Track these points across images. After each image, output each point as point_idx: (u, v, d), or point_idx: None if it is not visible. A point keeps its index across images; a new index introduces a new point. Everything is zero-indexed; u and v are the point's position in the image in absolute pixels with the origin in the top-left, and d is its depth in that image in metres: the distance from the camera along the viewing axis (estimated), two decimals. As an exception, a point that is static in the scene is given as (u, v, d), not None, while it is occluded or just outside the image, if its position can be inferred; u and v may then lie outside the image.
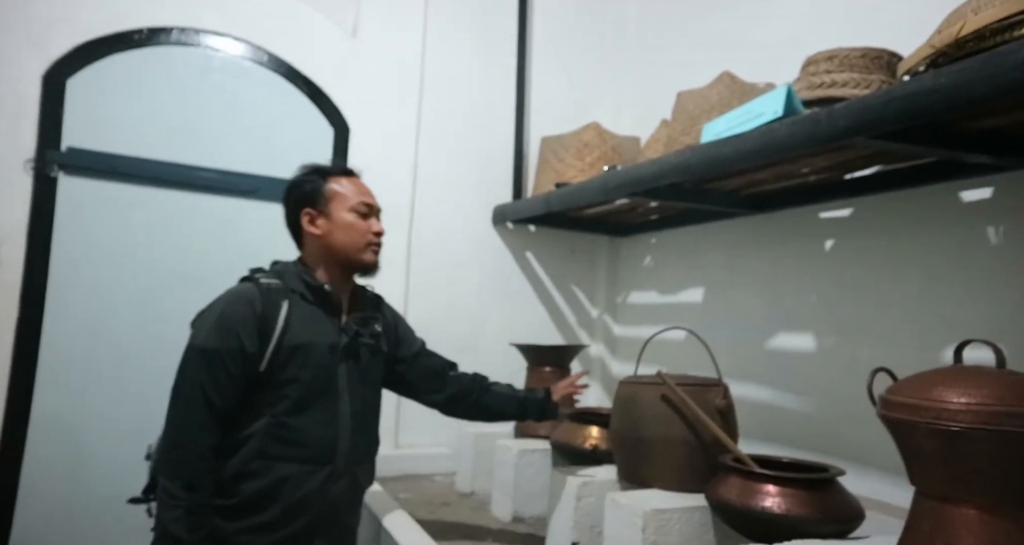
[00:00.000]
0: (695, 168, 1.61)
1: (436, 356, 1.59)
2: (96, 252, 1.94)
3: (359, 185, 1.41)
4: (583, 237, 2.71)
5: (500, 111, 2.60)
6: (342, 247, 1.35)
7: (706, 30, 2.35)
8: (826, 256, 1.78)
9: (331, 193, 1.36)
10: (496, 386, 1.59)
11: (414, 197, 2.44)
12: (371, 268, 1.40)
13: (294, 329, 1.26)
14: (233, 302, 1.25)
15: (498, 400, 1.56)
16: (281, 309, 1.26)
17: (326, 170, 1.41)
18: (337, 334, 1.33)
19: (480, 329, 2.53)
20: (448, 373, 1.56)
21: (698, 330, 1.99)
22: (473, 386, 1.55)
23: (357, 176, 1.45)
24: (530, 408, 1.59)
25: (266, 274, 1.32)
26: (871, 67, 1.32)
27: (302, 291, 1.31)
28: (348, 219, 1.35)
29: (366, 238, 1.37)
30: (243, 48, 2.18)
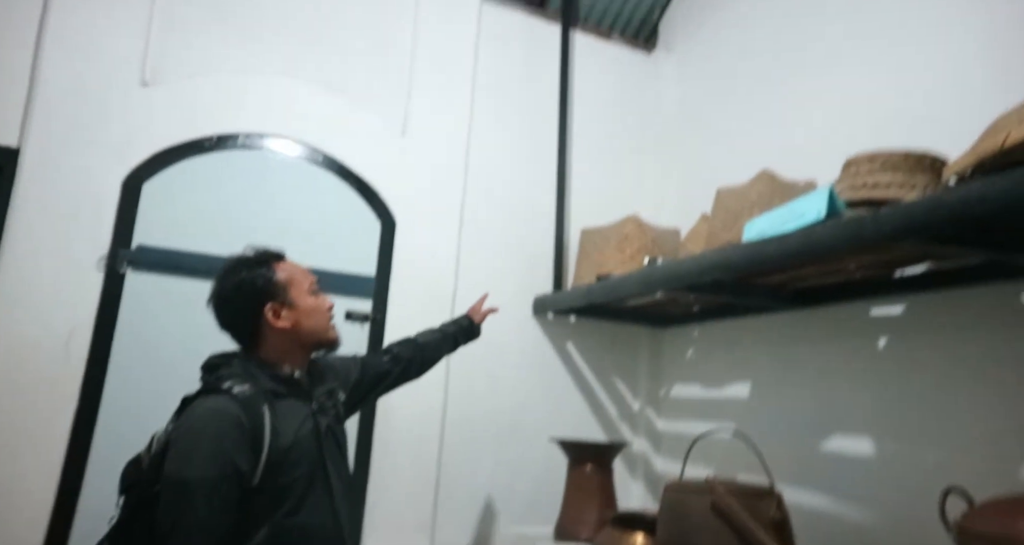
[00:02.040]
0: (737, 265, 1.60)
1: (373, 357, 1.67)
2: (155, 345, 2.01)
3: (298, 266, 1.37)
4: (624, 328, 2.69)
5: (541, 203, 2.68)
6: (312, 332, 1.31)
7: (745, 127, 2.41)
8: (880, 355, 1.71)
9: (286, 281, 1.30)
10: (426, 338, 1.79)
11: (456, 287, 2.48)
12: (336, 344, 1.38)
13: (280, 433, 1.19)
14: (221, 424, 1.14)
15: (436, 349, 1.79)
16: (264, 418, 1.17)
17: (267, 258, 1.33)
18: (314, 419, 1.28)
19: (521, 422, 2.48)
20: (386, 363, 1.65)
21: (745, 428, 1.90)
22: (413, 353, 1.71)
23: (284, 257, 1.38)
24: (460, 339, 1.90)
25: (233, 380, 1.20)
26: (915, 169, 1.32)
27: (275, 388, 1.24)
28: (310, 302, 1.32)
29: (327, 316, 1.35)
30: (300, 149, 2.33)
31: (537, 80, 2.73)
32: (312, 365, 1.39)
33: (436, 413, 2.34)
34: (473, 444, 2.40)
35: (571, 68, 2.76)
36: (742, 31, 2.51)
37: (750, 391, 2.18)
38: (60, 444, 1.84)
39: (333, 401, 1.37)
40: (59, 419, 1.85)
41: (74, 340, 1.89)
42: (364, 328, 2.36)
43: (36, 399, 1.83)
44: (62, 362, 1.87)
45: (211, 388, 1.20)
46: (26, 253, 1.88)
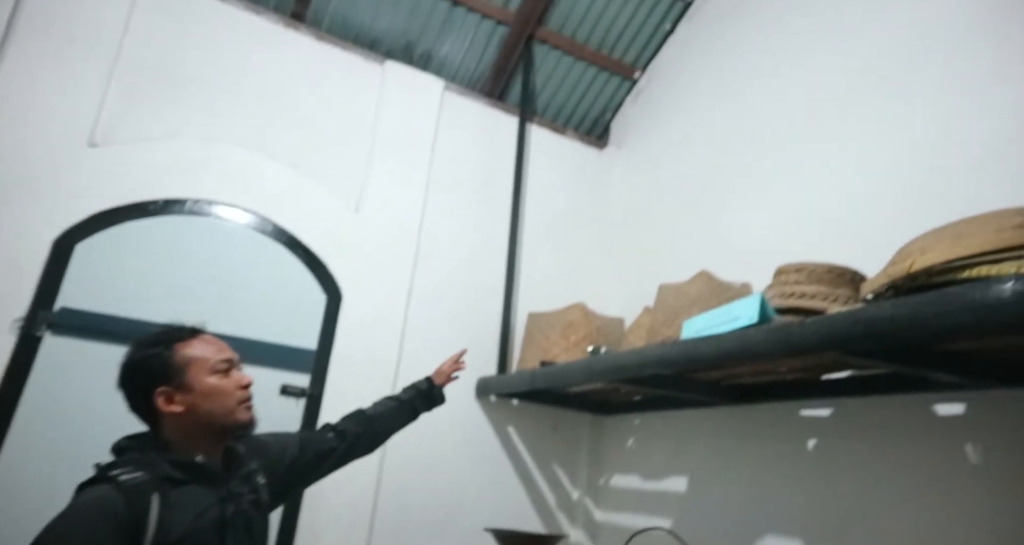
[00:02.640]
0: (675, 361, 1.65)
1: (315, 433, 1.57)
2: (68, 415, 1.89)
3: (211, 341, 1.27)
4: (566, 414, 2.68)
5: (490, 285, 2.71)
6: (211, 416, 1.20)
7: (687, 227, 2.54)
8: (810, 455, 1.75)
9: (184, 361, 1.20)
10: (377, 409, 1.66)
11: (399, 365, 2.45)
12: (248, 427, 1.26)
13: (172, 523, 1.08)
14: (91, 521, 1.03)
15: (389, 421, 1.67)
16: (151, 507, 1.07)
17: (169, 337, 1.24)
18: (220, 506, 1.17)
19: (454, 508, 2.40)
20: (331, 440, 1.54)
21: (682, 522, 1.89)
22: (361, 427, 1.60)
23: (203, 332, 1.29)
24: (420, 406, 1.74)
25: (123, 468, 1.11)
26: (837, 282, 1.42)
27: (172, 475, 1.13)
28: (211, 383, 1.20)
29: (235, 397, 1.23)
30: (250, 218, 2.32)
31: (493, 167, 2.84)
32: (232, 447, 1.30)
33: (367, 499, 2.24)
34: (405, 534, 2.29)
35: (526, 158, 2.89)
36: (688, 136, 2.70)
37: (687, 484, 2.18)
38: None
39: (251, 485, 1.27)
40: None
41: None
42: (300, 404, 2.28)
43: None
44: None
45: (98, 476, 1.12)
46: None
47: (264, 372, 2.25)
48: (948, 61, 1.68)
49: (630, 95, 3.09)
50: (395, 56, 2.78)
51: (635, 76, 3.03)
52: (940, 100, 1.68)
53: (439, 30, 2.81)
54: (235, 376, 1.25)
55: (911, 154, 1.71)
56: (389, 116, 2.64)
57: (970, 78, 1.62)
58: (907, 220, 1.31)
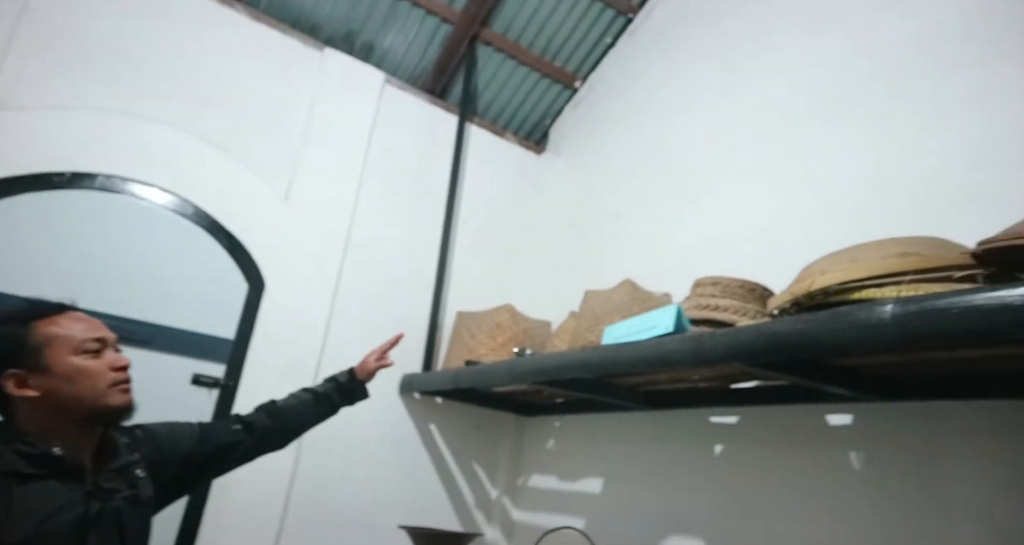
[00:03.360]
0: (595, 366, 1.70)
1: (219, 424, 1.45)
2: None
3: (80, 319, 1.16)
4: (490, 413, 2.70)
5: (420, 283, 2.70)
6: (75, 400, 1.09)
7: (615, 235, 2.62)
8: (715, 460, 1.84)
9: (43, 340, 1.09)
10: (291, 401, 1.56)
11: (321, 358, 2.40)
12: (123, 412, 1.14)
13: (15, 524, 0.98)
14: None
15: (302, 415, 1.55)
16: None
17: (27, 314, 1.13)
18: (83, 503, 1.06)
19: (372, 506, 2.37)
20: (237, 432, 1.44)
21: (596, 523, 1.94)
22: (271, 420, 1.49)
23: (73, 308, 1.19)
24: (339, 400, 1.62)
25: None
26: (748, 297, 1.50)
27: (18, 469, 1.02)
28: (75, 364, 1.09)
29: (106, 378, 1.11)
30: (169, 199, 2.21)
31: (430, 164, 2.83)
32: (111, 437, 1.19)
33: (279, 494, 2.18)
34: (318, 532, 2.25)
35: (464, 157, 2.90)
36: (623, 148, 2.78)
37: (602, 486, 2.24)
38: None
39: (128, 480, 1.16)
40: None
41: None
42: (212, 394, 2.20)
43: None
44: None
45: None
46: None
47: (176, 360, 2.16)
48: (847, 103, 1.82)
49: (570, 103, 3.15)
50: (335, 44, 2.72)
51: (576, 85, 3.09)
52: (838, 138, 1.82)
53: (383, 22, 2.77)
54: (109, 357, 1.14)
55: (818, 180, 1.84)
56: (325, 105, 2.59)
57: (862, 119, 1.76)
58: (812, 241, 1.41)
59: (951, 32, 1.62)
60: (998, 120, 1.45)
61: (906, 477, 1.37)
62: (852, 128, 1.80)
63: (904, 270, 1.00)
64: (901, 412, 1.40)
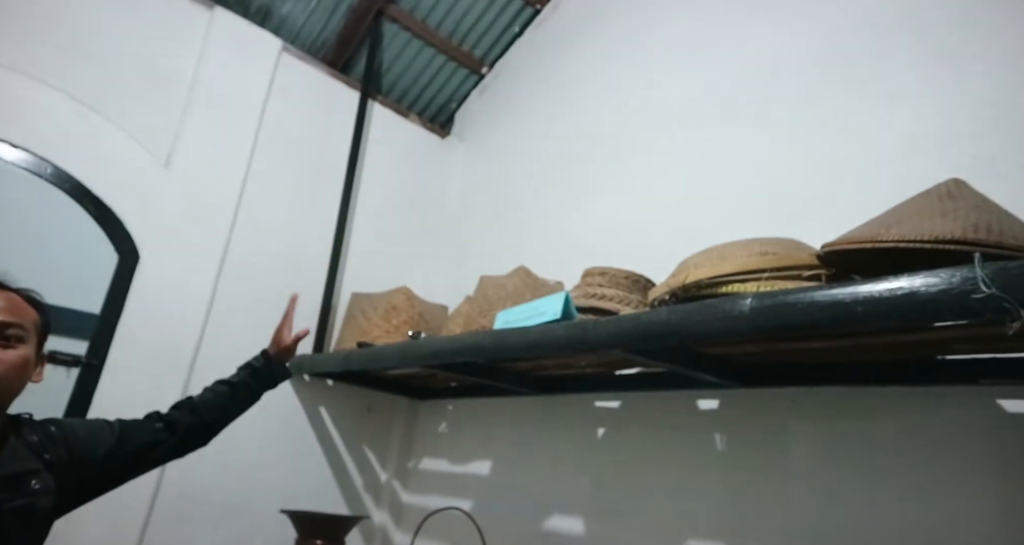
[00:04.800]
0: (486, 350, 1.72)
1: (139, 424, 1.37)
2: None
3: None
4: (382, 396, 2.67)
5: (314, 261, 2.61)
6: None
7: (513, 223, 2.66)
8: (598, 443, 1.93)
9: None
10: (207, 395, 1.49)
11: (202, 338, 2.26)
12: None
13: None
14: None
15: (222, 407, 1.48)
16: None
17: None
18: None
19: (254, 491, 2.28)
20: (159, 431, 1.37)
21: (483, 505, 1.98)
22: (191, 417, 1.42)
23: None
24: (257, 385, 1.55)
25: None
26: (632, 288, 1.58)
27: None
28: None
29: None
30: (21, 156, 1.99)
31: (328, 140, 2.73)
32: (13, 437, 1.09)
33: (147, 482, 2.04)
34: (190, 518, 2.13)
35: (365, 135, 2.82)
36: (526, 136, 2.81)
37: (491, 469, 2.29)
38: None
39: (22, 490, 1.06)
40: None
41: None
42: (71, 374, 2.02)
43: None
44: None
45: None
46: None
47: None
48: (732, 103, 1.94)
49: (476, 89, 3.14)
50: (228, 4, 2.55)
51: (482, 71, 3.09)
52: (721, 137, 1.94)
53: (283, -15, 2.63)
54: None
55: (700, 177, 1.96)
56: (214, 69, 2.42)
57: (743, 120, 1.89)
58: (693, 236, 1.50)
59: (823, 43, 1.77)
60: (840, 138, 1.61)
61: (759, 454, 1.50)
62: (733, 129, 1.93)
63: (763, 268, 1.09)
64: (759, 397, 1.53)
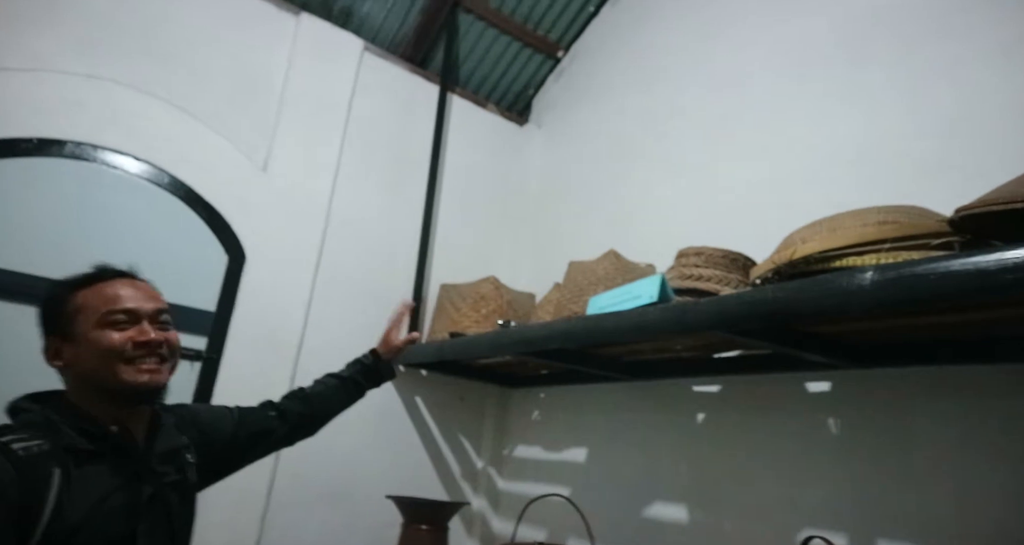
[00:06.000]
0: (579, 336, 1.71)
1: (255, 411, 1.42)
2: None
3: (123, 287, 1.08)
4: (474, 385, 2.71)
5: (403, 254, 2.68)
6: (93, 376, 1.03)
7: (598, 206, 2.61)
8: (698, 428, 1.88)
9: (74, 310, 1.04)
10: (317, 388, 1.53)
11: (304, 332, 2.38)
12: (140, 391, 1.05)
13: (73, 504, 0.93)
14: None
15: (328, 400, 1.53)
16: (51, 485, 0.91)
17: (77, 279, 1.08)
18: (137, 485, 1.03)
19: (358, 477, 2.39)
20: (272, 419, 1.41)
21: (580, 491, 1.97)
22: (302, 407, 1.47)
23: (130, 275, 1.13)
24: (364, 382, 1.59)
25: (20, 433, 0.94)
26: (730, 267, 1.51)
27: (79, 444, 0.98)
28: (94, 336, 1.02)
29: (122, 352, 1.03)
30: (143, 168, 2.15)
31: (411, 134, 2.78)
32: (159, 417, 1.15)
33: (265, 467, 2.18)
34: (305, 504, 2.26)
35: (445, 127, 2.85)
36: (606, 118, 2.75)
37: (586, 456, 2.28)
38: None
39: (178, 464, 1.13)
40: None
41: None
42: (194, 368, 2.18)
43: None
44: None
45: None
46: None
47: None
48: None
49: (552, 74, 3.11)
50: (312, 9, 2.64)
51: (558, 55, 3.04)
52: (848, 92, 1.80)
53: (361, -13, 2.70)
54: (132, 330, 1.05)
55: (800, 149, 1.84)
56: (303, 72, 2.52)
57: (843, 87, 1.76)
58: (794, 211, 1.41)
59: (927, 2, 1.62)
60: (972, 89, 1.46)
61: (880, 439, 1.41)
62: (833, 97, 1.80)
63: (883, 238, 1.01)
64: (876, 378, 1.43)
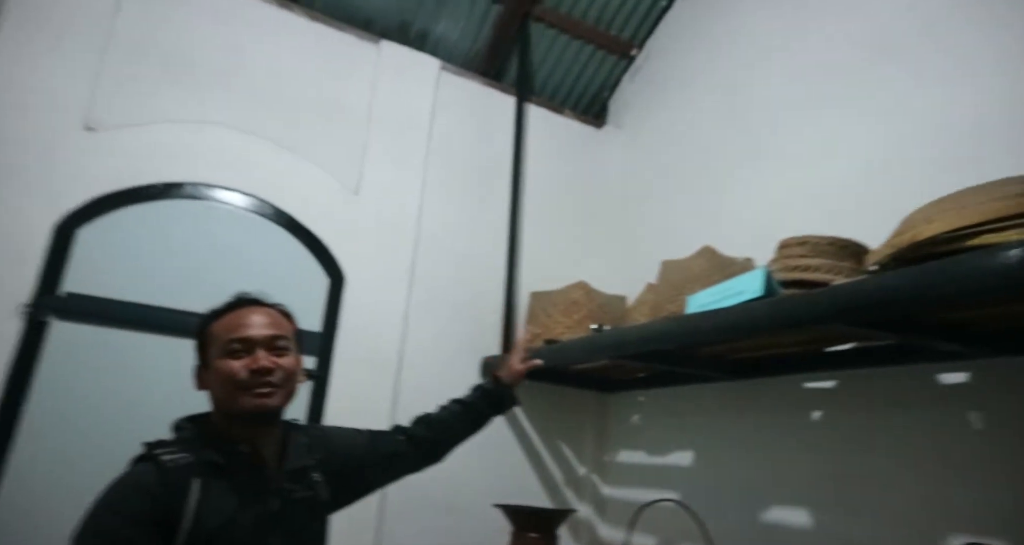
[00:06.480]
0: (679, 336, 1.67)
1: (385, 435, 1.43)
2: (82, 397, 1.89)
3: (238, 318, 1.15)
4: (570, 392, 2.70)
5: (491, 265, 2.71)
6: (222, 399, 1.12)
7: (687, 203, 2.54)
8: (814, 427, 1.78)
9: (208, 340, 1.14)
10: (442, 413, 1.52)
11: (403, 348, 2.46)
12: (255, 415, 1.11)
13: (210, 513, 1.02)
14: (123, 494, 1.00)
15: (450, 427, 1.51)
16: (190, 492, 1.01)
17: (217, 310, 1.17)
18: (266, 499, 1.09)
19: (462, 487, 2.42)
20: (401, 443, 1.41)
21: (687, 496, 1.91)
22: (429, 433, 1.47)
23: (255, 302, 1.19)
24: (487, 409, 1.57)
25: (169, 447, 1.06)
26: (840, 255, 1.42)
27: (215, 459, 1.07)
28: (219, 365, 1.11)
29: (237, 380, 1.09)
30: (249, 201, 2.31)
31: (491, 147, 2.83)
32: (291, 437, 1.21)
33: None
34: (418, 513, 2.32)
35: (524, 137, 2.87)
36: (688, 113, 2.68)
37: (692, 460, 2.21)
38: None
39: (306, 483, 1.17)
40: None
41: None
42: (307, 386, 2.30)
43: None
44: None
45: (141, 454, 1.07)
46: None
47: (270, 356, 2.26)
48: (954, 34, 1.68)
49: (627, 73, 3.07)
50: (390, 36, 2.75)
51: (632, 53, 3.00)
52: (942, 71, 1.68)
53: (434, 8, 2.78)
54: (247, 359, 1.11)
55: (913, 126, 1.72)
56: (385, 97, 2.62)
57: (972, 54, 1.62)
58: (909, 191, 1.31)
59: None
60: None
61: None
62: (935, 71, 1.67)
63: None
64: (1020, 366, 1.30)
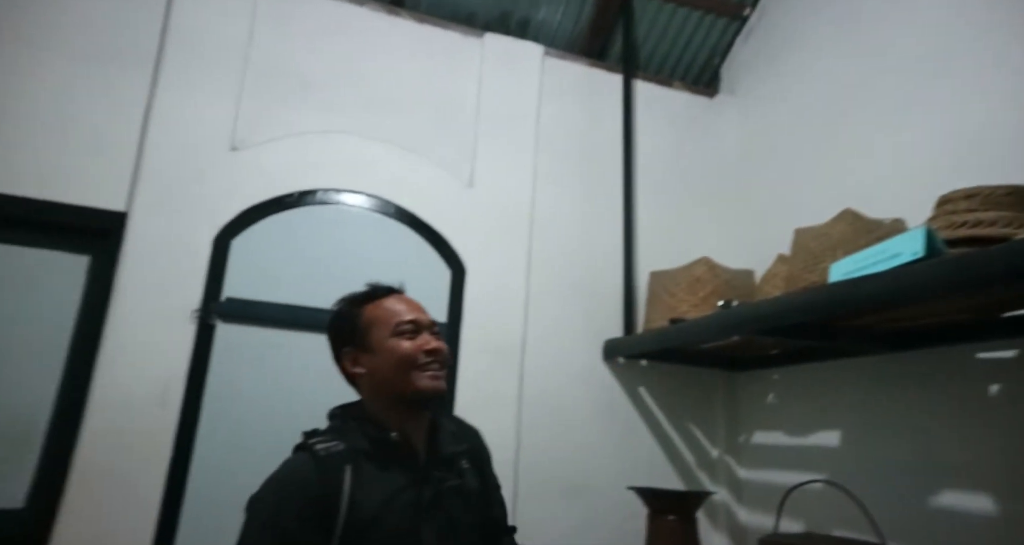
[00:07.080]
0: (823, 307, 1.55)
1: (503, 505, 1.32)
2: (245, 393, 2.08)
3: (400, 302, 1.20)
4: (697, 372, 2.62)
5: (608, 248, 2.68)
6: (391, 380, 1.13)
7: (817, 167, 2.37)
8: (993, 402, 1.60)
9: (368, 322, 1.17)
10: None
11: (525, 334, 2.49)
12: (430, 395, 1.14)
13: (364, 499, 1.04)
14: (284, 486, 1.05)
15: None
16: (344, 481, 1.04)
17: (360, 296, 1.22)
18: (417, 486, 1.10)
19: (592, 470, 2.43)
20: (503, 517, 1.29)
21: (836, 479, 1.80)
22: None
23: (400, 291, 1.25)
24: None
25: (323, 436, 1.10)
26: (1020, 205, 1.27)
27: (366, 448, 1.10)
28: (391, 345, 1.14)
29: (415, 359, 1.13)
30: (373, 202, 2.42)
31: (600, 128, 2.78)
32: (439, 424, 1.21)
33: (508, 461, 2.30)
34: (548, 496, 2.35)
35: (633, 115, 2.81)
36: (809, 71, 2.50)
37: (840, 440, 2.07)
38: (156, 491, 1.90)
39: (456, 469, 1.17)
40: (155, 467, 1.92)
41: (169, 391, 1.97)
42: (436, 375, 2.38)
43: (134, 448, 1.90)
44: (158, 412, 1.95)
45: (299, 445, 1.11)
46: (128, 309, 2.00)
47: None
48: None
49: (740, 36, 2.90)
50: (492, 28, 2.77)
51: (744, 14, 2.84)
52: None
53: (533, -5, 2.77)
54: (420, 339, 1.15)
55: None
56: (492, 88, 2.65)
57: None
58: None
59: None
60: None
61: None
62: None
63: None
64: None
